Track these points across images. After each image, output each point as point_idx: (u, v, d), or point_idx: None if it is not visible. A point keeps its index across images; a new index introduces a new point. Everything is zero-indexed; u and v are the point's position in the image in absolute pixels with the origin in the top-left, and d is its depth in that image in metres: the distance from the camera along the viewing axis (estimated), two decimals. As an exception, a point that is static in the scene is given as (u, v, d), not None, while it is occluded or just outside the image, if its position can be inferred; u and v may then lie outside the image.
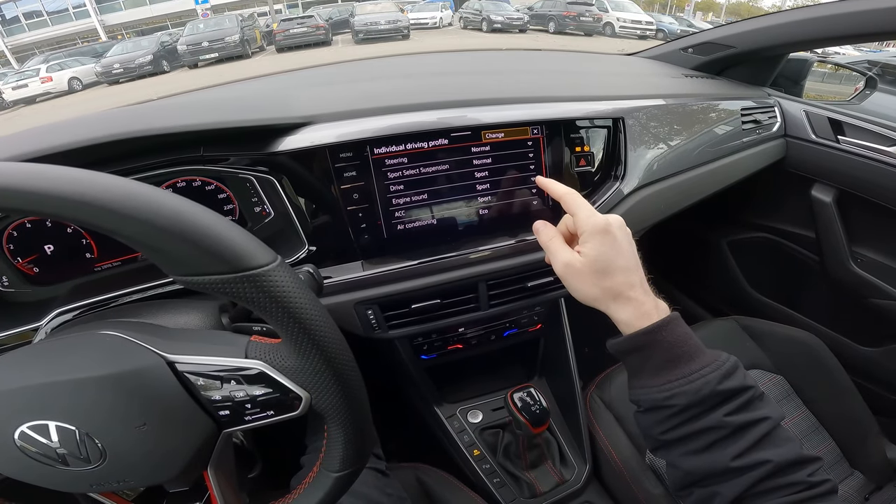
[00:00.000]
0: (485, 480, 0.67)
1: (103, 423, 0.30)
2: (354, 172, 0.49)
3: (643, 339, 0.38)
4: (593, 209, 0.42)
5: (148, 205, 0.24)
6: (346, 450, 0.34)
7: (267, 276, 0.26)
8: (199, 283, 0.26)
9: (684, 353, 0.37)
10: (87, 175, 0.23)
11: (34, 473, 0.31)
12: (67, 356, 0.31)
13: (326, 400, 0.31)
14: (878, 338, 0.90)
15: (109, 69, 9.57)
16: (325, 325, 0.29)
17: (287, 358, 0.30)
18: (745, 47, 0.89)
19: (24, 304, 0.47)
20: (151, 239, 0.24)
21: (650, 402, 0.38)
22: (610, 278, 0.39)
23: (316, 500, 0.35)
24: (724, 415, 0.35)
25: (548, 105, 0.57)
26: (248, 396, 0.31)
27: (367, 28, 10.47)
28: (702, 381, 0.35)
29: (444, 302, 0.57)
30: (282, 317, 0.27)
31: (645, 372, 0.38)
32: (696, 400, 0.35)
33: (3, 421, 0.30)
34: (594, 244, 0.40)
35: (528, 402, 0.59)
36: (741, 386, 0.36)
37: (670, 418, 0.36)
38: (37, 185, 0.22)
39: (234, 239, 0.26)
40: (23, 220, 0.46)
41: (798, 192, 0.92)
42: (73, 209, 0.22)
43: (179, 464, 0.32)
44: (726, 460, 0.34)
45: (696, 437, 0.35)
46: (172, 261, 0.25)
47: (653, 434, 0.39)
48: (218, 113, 0.47)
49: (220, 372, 0.30)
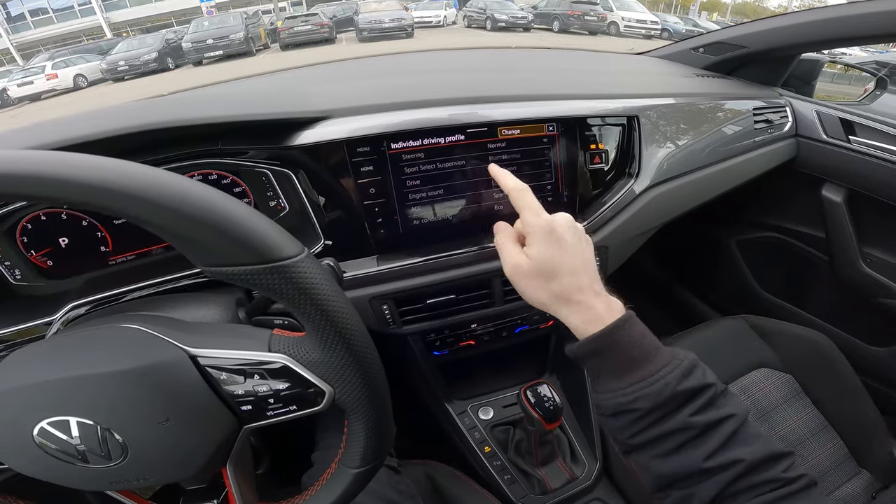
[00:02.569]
0: (495, 477, 0.67)
1: (125, 419, 0.29)
2: (371, 167, 0.49)
3: (597, 343, 0.37)
4: (540, 208, 0.41)
5: (179, 194, 0.24)
6: (366, 446, 0.33)
7: (295, 267, 0.26)
8: (227, 273, 0.26)
9: (641, 355, 0.36)
10: (119, 164, 0.23)
11: (52, 471, 0.31)
12: (88, 350, 0.31)
13: (350, 395, 0.31)
14: (887, 337, 0.90)
15: (115, 66, 9.61)
16: (351, 318, 0.29)
17: (311, 351, 0.30)
18: (758, 47, 0.89)
19: (37, 298, 0.47)
20: (181, 228, 0.24)
21: (614, 407, 0.37)
22: (557, 281, 0.38)
23: (335, 497, 0.35)
24: (689, 415, 0.34)
25: (563, 102, 0.58)
26: (270, 391, 0.30)
27: (371, 26, 10.47)
28: (661, 382, 0.34)
29: (459, 297, 0.57)
30: (309, 308, 0.27)
31: (604, 375, 0.37)
32: (659, 402, 0.34)
33: (23, 417, 0.29)
34: (538, 246, 0.39)
35: (541, 398, 0.59)
36: (702, 384, 0.35)
37: (636, 422, 0.36)
38: (68, 174, 0.22)
39: (263, 230, 0.26)
40: (37, 213, 0.46)
41: (808, 191, 0.92)
42: (104, 197, 0.22)
43: (200, 460, 0.31)
44: (697, 462, 0.33)
45: (664, 440, 0.35)
46: (201, 251, 0.25)
47: (621, 438, 0.38)
48: (238, 106, 0.47)
49: (242, 366, 0.30)
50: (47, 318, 0.42)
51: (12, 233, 0.46)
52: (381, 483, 0.54)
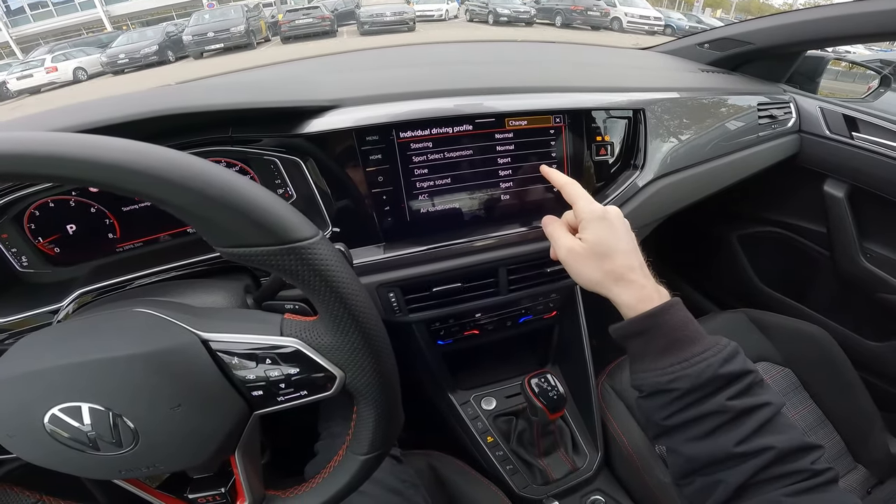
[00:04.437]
0: (497, 467, 0.68)
1: (137, 404, 0.29)
2: (380, 155, 0.50)
3: (645, 322, 0.38)
4: (592, 198, 0.44)
5: (200, 175, 0.24)
6: (375, 432, 0.33)
7: (311, 248, 0.26)
8: (243, 254, 0.26)
9: (686, 337, 0.37)
10: (143, 146, 0.24)
11: (62, 460, 0.30)
12: (100, 334, 0.31)
13: (361, 380, 0.31)
14: (885, 333, 0.90)
15: (115, 59, 9.57)
16: (364, 301, 0.29)
17: (324, 335, 0.30)
18: (763, 44, 0.90)
19: (43, 286, 0.46)
20: (201, 209, 0.24)
21: (652, 386, 0.38)
22: (610, 261, 0.41)
23: (343, 483, 0.35)
24: (727, 399, 0.34)
25: (569, 95, 0.58)
26: (282, 376, 0.30)
27: (373, 20, 10.42)
28: (704, 364, 0.35)
29: (464, 286, 0.58)
30: (323, 290, 0.27)
31: (647, 356, 0.38)
32: (699, 383, 0.35)
33: (33, 403, 0.29)
34: (593, 229, 0.42)
35: (545, 387, 0.59)
36: (742, 370, 0.36)
37: (673, 402, 0.36)
38: (93, 155, 0.22)
39: (279, 211, 0.26)
40: (45, 200, 0.46)
41: (810, 187, 0.92)
42: (128, 179, 0.23)
43: (210, 447, 0.31)
44: (729, 446, 0.34)
45: (698, 423, 0.35)
46: (219, 232, 0.26)
47: (655, 419, 0.38)
48: (249, 94, 0.47)
49: (255, 350, 0.30)
50: (54, 305, 0.42)
51: (20, 219, 0.45)
52: (384, 472, 0.54)
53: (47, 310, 0.42)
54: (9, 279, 0.46)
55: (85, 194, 0.47)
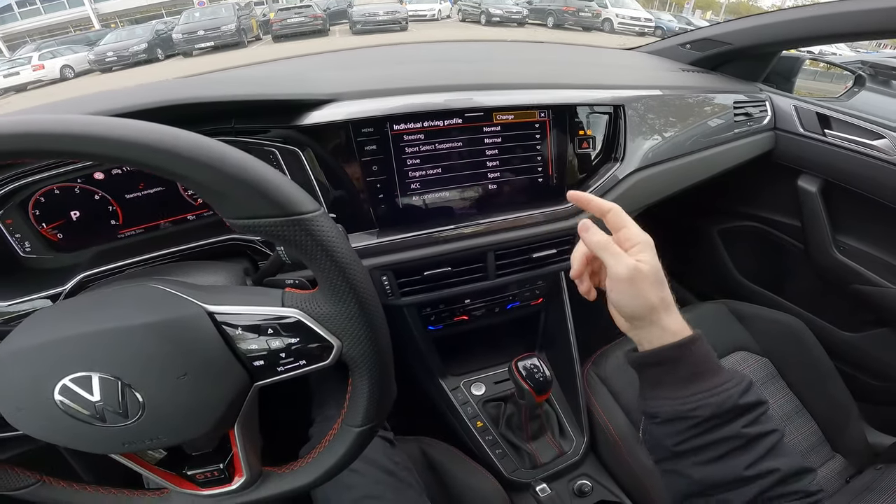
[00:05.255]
0: (487, 451, 0.70)
1: (146, 373, 0.30)
2: (375, 146, 0.52)
3: (675, 352, 0.39)
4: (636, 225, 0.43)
5: (218, 154, 0.26)
6: (369, 403, 0.34)
7: (313, 221, 0.28)
8: (253, 225, 0.28)
9: (707, 370, 0.39)
10: (172, 130, 0.26)
11: (67, 433, 0.31)
12: (111, 306, 0.32)
13: (357, 348, 0.32)
14: (859, 323, 0.94)
15: (103, 57, 9.41)
16: (361, 272, 0.31)
17: (322, 304, 0.31)
18: (741, 44, 0.93)
19: (45, 271, 0.48)
20: (218, 184, 0.26)
21: (672, 414, 0.39)
22: (664, 289, 0.41)
23: (338, 456, 0.37)
24: (743, 426, 0.37)
25: (555, 91, 0.61)
26: (283, 345, 0.31)
27: (365, 19, 10.39)
28: (726, 394, 0.37)
29: (454, 270, 0.61)
30: (324, 260, 0.29)
31: (667, 384, 0.40)
32: (720, 412, 0.37)
33: (45, 374, 0.30)
34: (650, 255, 0.40)
35: (532, 370, 0.62)
36: (758, 401, 0.38)
37: (691, 429, 0.38)
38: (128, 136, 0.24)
39: (286, 187, 0.28)
40: (51, 186, 0.47)
41: (785, 182, 0.96)
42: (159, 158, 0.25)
43: (212, 419, 0.32)
44: (740, 469, 0.36)
45: (712, 448, 0.37)
46: (232, 204, 0.27)
47: (666, 444, 0.40)
48: (254, 87, 0.49)
49: (257, 322, 0.31)
50: (57, 289, 0.43)
51: (25, 205, 0.47)
52: (377, 453, 0.56)
53: (50, 293, 0.44)
54: (11, 264, 0.47)
55: (90, 182, 0.48)
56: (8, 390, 0.31)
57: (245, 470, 0.37)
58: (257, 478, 0.38)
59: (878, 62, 2.50)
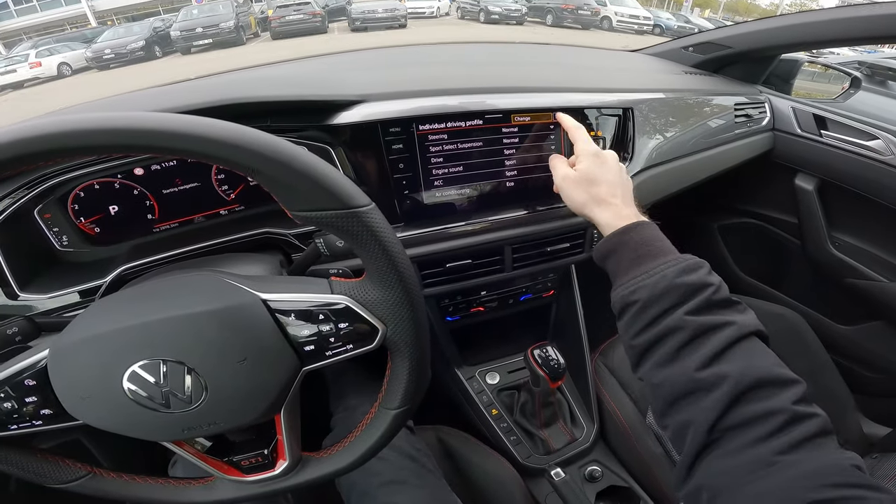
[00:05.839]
0: (502, 438, 0.73)
1: (210, 358, 0.31)
2: (401, 145, 0.55)
3: (616, 239, 0.41)
4: (591, 140, 0.52)
5: (291, 153, 0.28)
6: (408, 385, 0.36)
7: (368, 213, 0.31)
8: (315, 217, 0.30)
9: (651, 252, 0.38)
10: (244, 129, 0.28)
11: (131, 421, 0.32)
12: (172, 295, 0.33)
13: (400, 332, 0.34)
14: (854, 317, 0.97)
15: (100, 54, 9.35)
16: (406, 261, 0.33)
17: (370, 291, 0.33)
18: (742, 48, 0.96)
19: (82, 264, 0.49)
20: (289, 179, 0.28)
21: (620, 301, 0.38)
22: (596, 187, 0.47)
23: (376, 437, 0.38)
24: (684, 313, 0.33)
25: (567, 94, 0.64)
26: (332, 330, 0.33)
27: (365, 16, 10.37)
28: (659, 274, 0.35)
29: (474, 262, 0.64)
30: (375, 248, 0.31)
31: (619, 273, 0.40)
32: (655, 294, 0.34)
33: (116, 361, 0.30)
34: (586, 162, 0.49)
35: (547, 357, 0.65)
36: (700, 282, 0.34)
37: (635, 318, 0.36)
38: (216, 134, 0.26)
39: (345, 183, 0.30)
40: (91, 182, 0.48)
41: (783, 181, 0.99)
42: (239, 155, 0.27)
43: (265, 402, 0.33)
44: (690, 370, 0.31)
45: (662, 342, 0.34)
46: (298, 197, 0.30)
47: (627, 340, 0.37)
48: (294, 88, 0.52)
49: (308, 308, 0.33)
50: (96, 281, 0.45)
51: (64, 200, 0.48)
52: (400, 440, 0.58)
53: (87, 286, 0.45)
54: (49, 258, 0.48)
55: (130, 177, 0.50)
56: (73, 379, 0.31)
57: (288, 455, 0.38)
58: (297, 462, 0.39)
59: (875, 63, 2.54)
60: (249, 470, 0.39)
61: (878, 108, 1.05)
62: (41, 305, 0.44)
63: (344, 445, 0.40)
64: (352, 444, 0.40)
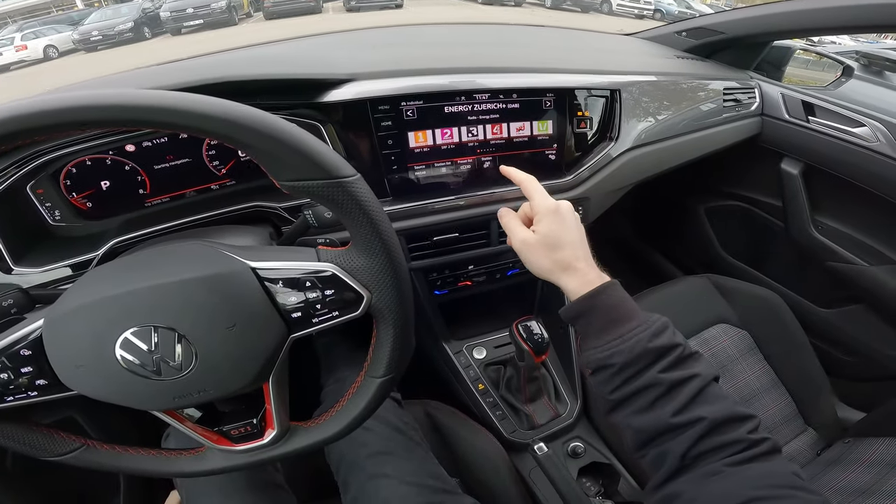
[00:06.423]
0: (488, 413, 0.74)
1: (199, 325, 0.32)
2: (390, 122, 0.56)
3: (585, 303, 0.42)
4: (547, 194, 0.48)
5: (278, 125, 0.29)
6: (392, 353, 0.37)
7: (353, 184, 0.32)
8: (301, 186, 0.31)
9: (619, 317, 0.40)
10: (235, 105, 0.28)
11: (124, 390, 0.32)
12: (164, 263, 0.34)
13: (384, 299, 0.35)
14: (833, 300, 1.00)
15: (87, 36, 9.06)
16: (390, 230, 0.34)
17: (356, 259, 0.34)
18: (734, 33, 0.97)
19: (74, 238, 0.49)
20: (279, 151, 0.29)
21: (595, 363, 0.41)
22: (559, 251, 0.44)
23: (362, 406, 0.39)
24: (658, 372, 0.37)
25: (556, 75, 0.65)
26: (319, 297, 0.34)
27: (360, -5, 10.12)
28: (634, 339, 0.38)
29: (461, 236, 0.65)
30: (360, 217, 0.32)
31: (590, 335, 0.42)
32: (632, 358, 0.38)
33: (109, 328, 0.31)
34: (546, 222, 0.46)
35: (531, 331, 0.65)
36: (670, 343, 0.38)
37: (613, 377, 0.39)
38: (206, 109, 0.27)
39: (331, 154, 0.31)
40: (83, 158, 0.48)
41: (769, 165, 1.01)
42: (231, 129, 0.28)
43: (254, 369, 0.34)
44: (667, 417, 0.36)
45: (638, 396, 0.38)
46: (286, 168, 0.30)
47: (603, 394, 0.41)
48: (285, 66, 0.53)
49: (296, 276, 0.34)
50: (89, 254, 0.45)
51: (56, 176, 0.49)
52: (388, 412, 0.59)
53: (80, 259, 0.45)
54: (41, 233, 0.49)
55: (122, 153, 0.51)
56: (68, 348, 0.32)
57: (276, 424, 0.39)
58: (286, 432, 0.40)
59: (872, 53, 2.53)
60: (239, 439, 0.40)
61: (870, 97, 1.06)
62: (35, 279, 0.45)
63: (331, 415, 0.41)
64: (339, 414, 0.41)
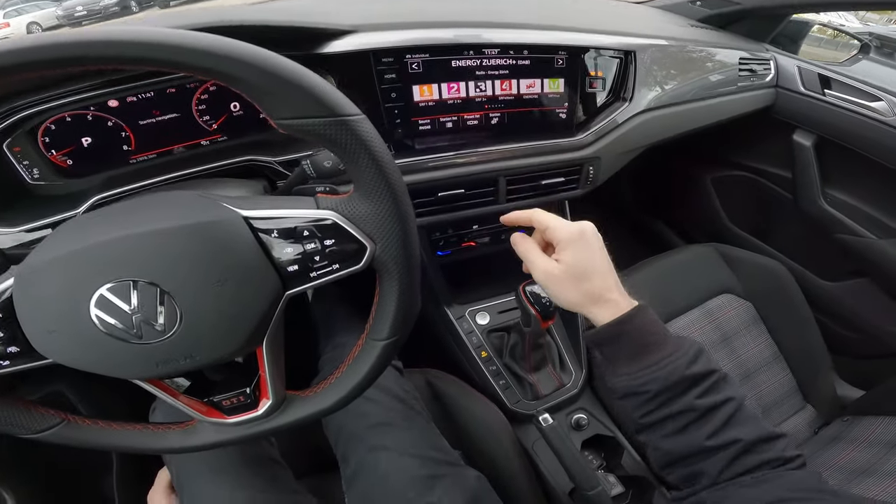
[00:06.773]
0: (491, 382, 0.71)
1: (184, 279, 0.29)
2: (394, 75, 0.55)
3: (615, 329, 0.40)
4: (563, 219, 0.44)
5: (275, 59, 0.27)
6: (396, 313, 0.34)
7: (357, 122, 0.29)
8: (300, 125, 0.28)
9: (653, 342, 0.39)
10: (231, 41, 0.27)
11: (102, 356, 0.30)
12: (146, 210, 0.31)
13: (390, 250, 0.32)
14: (839, 273, 0.99)
15: (72, 12, 8.82)
16: (397, 172, 0.31)
17: (358, 205, 0.31)
18: (752, 5, 0.94)
19: (54, 197, 0.47)
20: (277, 85, 0.27)
21: (626, 389, 0.39)
22: (588, 282, 0.41)
23: (364, 372, 0.36)
24: (695, 398, 0.37)
25: (568, 33, 0.63)
26: (317, 248, 0.31)
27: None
28: (671, 367, 0.37)
29: (467, 192, 0.63)
30: (364, 158, 0.29)
31: (619, 360, 0.40)
32: (668, 385, 0.37)
33: (82, 283, 0.28)
34: (571, 251, 0.41)
35: (538, 295, 0.62)
36: (707, 370, 0.38)
37: (646, 403, 0.38)
38: (196, 44, 0.25)
39: (333, 91, 0.29)
40: (63, 115, 0.46)
41: (781, 136, 0.99)
42: (223, 63, 0.26)
43: (246, 331, 0.31)
44: (701, 440, 0.36)
45: (671, 420, 0.37)
46: (284, 104, 0.28)
47: (633, 418, 0.40)
48: (286, 14, 0.50)
49: (293, 225, 0.31)
50: (67, 213, 0.43)
51: (34, 133, 0.46)
52: (389, 381, 0.58)
53: (60, 218, 0.43)
54: (20, 192, 0.47)
55: (104, 109, 0.48)
56: (39, 308, 0.29)
57: (271, 393, 0.35)
58: (282, 402, 0.37)
59: (885, 34, 2.50)
60: (231, 411, 0.36)
61: (882, 77, 1.03)
62: (13, 239, 0.43)
63: (330, 382, 0.38)
64: (338, 381, 0.37)
